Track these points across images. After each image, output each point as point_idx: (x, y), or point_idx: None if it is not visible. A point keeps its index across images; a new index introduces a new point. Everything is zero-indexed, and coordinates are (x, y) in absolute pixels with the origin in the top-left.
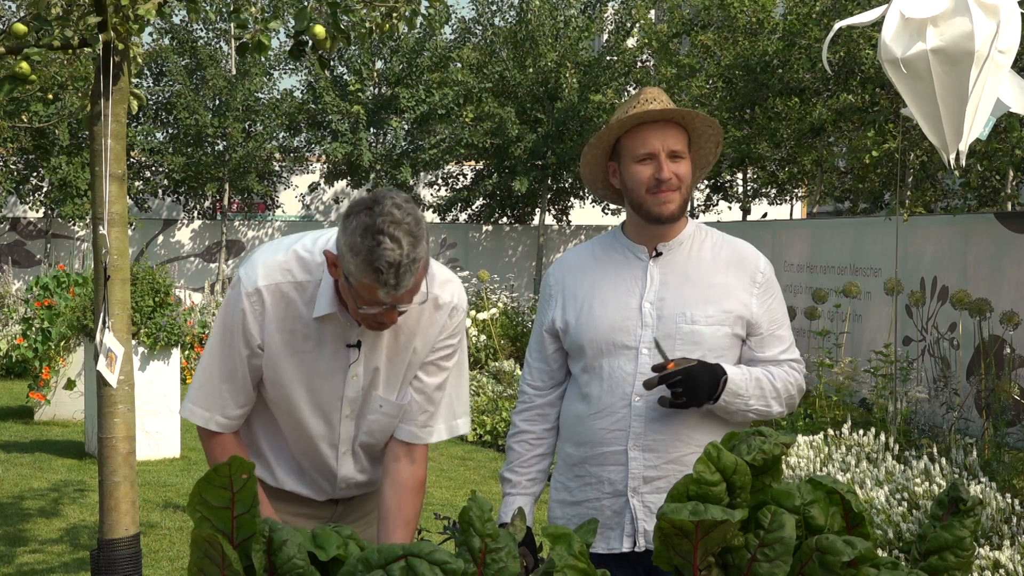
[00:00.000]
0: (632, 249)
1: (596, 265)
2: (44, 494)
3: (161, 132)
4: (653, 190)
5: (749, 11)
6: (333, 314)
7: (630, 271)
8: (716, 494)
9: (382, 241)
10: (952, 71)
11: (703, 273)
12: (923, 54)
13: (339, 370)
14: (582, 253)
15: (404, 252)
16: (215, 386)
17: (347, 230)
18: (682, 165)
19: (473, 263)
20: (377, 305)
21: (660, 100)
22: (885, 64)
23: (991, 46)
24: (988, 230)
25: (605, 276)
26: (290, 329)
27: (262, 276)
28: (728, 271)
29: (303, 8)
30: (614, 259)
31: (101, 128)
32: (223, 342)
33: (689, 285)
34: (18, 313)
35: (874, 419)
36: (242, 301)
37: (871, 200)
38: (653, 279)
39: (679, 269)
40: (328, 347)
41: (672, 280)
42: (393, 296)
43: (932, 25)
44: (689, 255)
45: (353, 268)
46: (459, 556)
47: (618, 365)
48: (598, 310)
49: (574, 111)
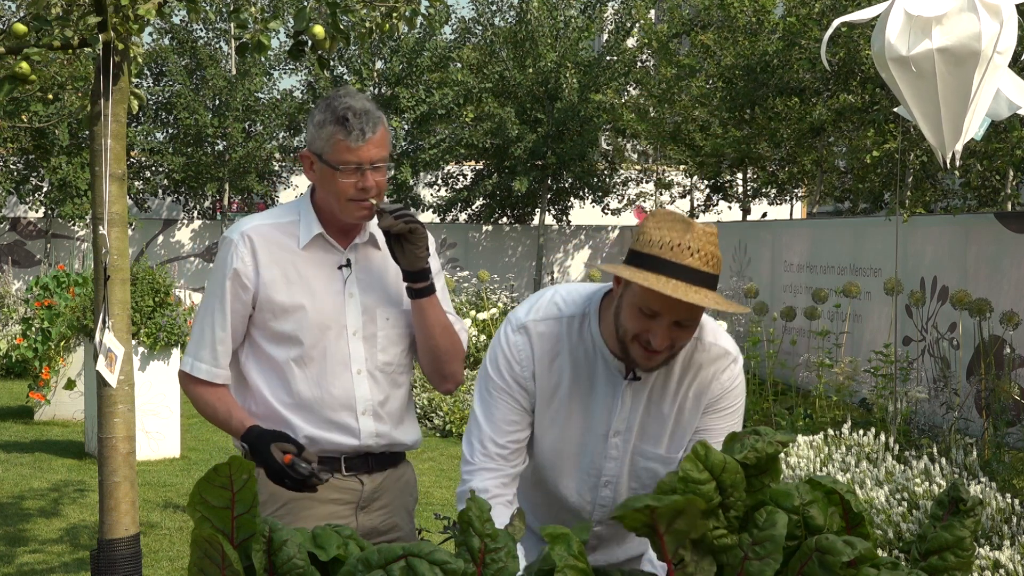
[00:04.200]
0: (609, 364)
1: (568, 365)
2: (44, 494)
3: (161, 132)
4: (644, 346)
5: (749, 11)
6: (321, 240)
7: (603, 389)
8: (705, 493)
9: (343, 100)
10: (956, 71)
11: (666, 401)
12: (929, 53)
13: (336, 292)
14: (555, 339)
15: (364, 104)
16: (216, 337)
17: (313, 119)
18: (685, 332)
19: (473, 263)
20: (353, 164)
21: (704, 251)
22: (889, 62)
23: (994, 47)
24: (988, 230)
25: (572, 385)
26: (283, 266)
27: (245, 224)
28: (689, 388)
29: (303, 8)
30: (587, 368)
31: (101, 128)
32: (218, 295)
33: (651, 412)
34: (18, 313)
35: (874, 419)
36: (231, 247)
37: (871, 200)
38: (624, 404)
39: (645, 392)
40: (324, 271)
41: (639, 406)
42: (362, 144)
43: (937, 24)
44: (658, 374)
45: (323, 134)
46: (459, 556)
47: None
48: (564, 428)
49: (574, 111)
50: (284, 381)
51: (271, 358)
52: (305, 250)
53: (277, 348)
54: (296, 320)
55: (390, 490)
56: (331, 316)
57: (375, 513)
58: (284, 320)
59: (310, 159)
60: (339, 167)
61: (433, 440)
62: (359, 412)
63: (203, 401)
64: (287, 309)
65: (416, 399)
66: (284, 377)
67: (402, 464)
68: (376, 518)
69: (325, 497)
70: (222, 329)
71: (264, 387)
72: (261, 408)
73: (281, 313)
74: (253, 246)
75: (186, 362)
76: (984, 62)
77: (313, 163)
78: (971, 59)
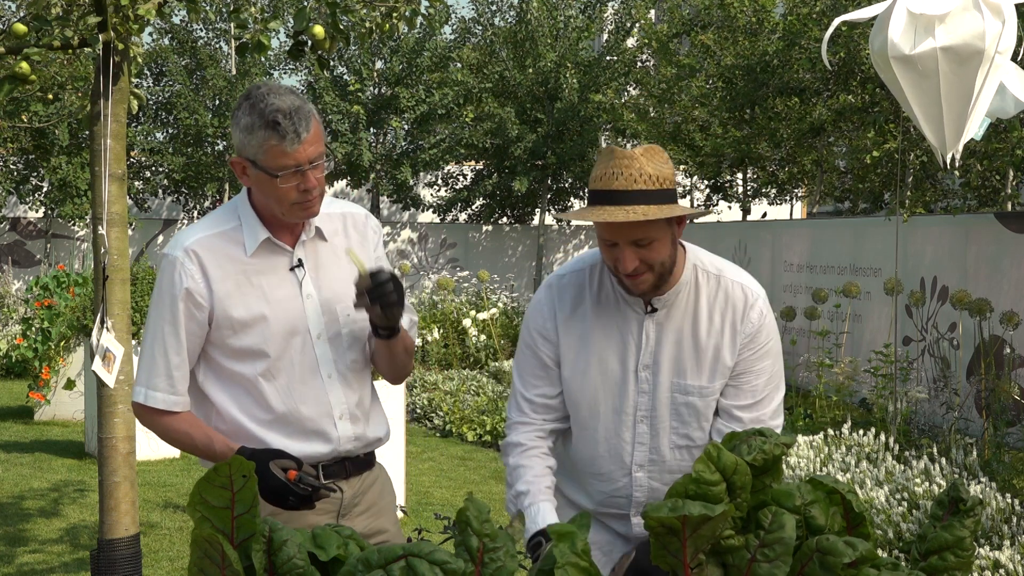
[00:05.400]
0: (629, 302)
1: (591, 309)
2: (44, 494)
3: (161, 132)
4: (623, 273)
5: (749, 11)
6: (268, 244)
7: (626, 326)
8: (716, 494)
9: (268, 101)
10: (959, 70)
11: (699, 332)
12: (932, 52)
13: (294, 296)
14: (579, 288)
15: (290, 102)
16: (171, 363)
17: (238, 123)
18: (650, 250)
19: (473, 263)
20: (291, 167)
21: (628, 172)
22: (891, 61)
23: (996, 46)
24: (988, 230)
25: (597, 327)
26: (235, 278)
27: (186, 239)
28: (723, 324)
29: (303, 8)
30: (612, 310)
31: (101, 128)
32: (167, 318)
33: (683, 348)
34: (18, 313)
35: (874, 419)
36: (176, 266)
37: (871, 200)
38: (648, 338)
39: (674, 327)
40: (276, 276)
41: (667, 339)
42: (298, 146)
43: (940, 23)
44: (685, 309)
45: (255, 141)
46: (458, 556)
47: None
48: (594, 368)
49: (574, 111)
50: (254, 398)
51: (236, 375)
52: (253, 257)
53: (241, 364)
54: (258, 332)
55: (368, 493)
56: (293, 322)
57: (358, 519)
58: (245, 334)
59: (242, 164)
60: (278, 173)
61: (433, 440)
62: (336, 417)
63: (172, 431)
64: (246, 323)
65: (416, 399)
66: (253, 394)
67: (376, 465)
68: (359, 523)
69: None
70: (176, 354)
71: (231, 405)
72: (229, 427)
73: (241, 328)
74: (201, 261)
75: (139, 393)
76: (987, 61)
77: (246, 168)
78: (974, 58)
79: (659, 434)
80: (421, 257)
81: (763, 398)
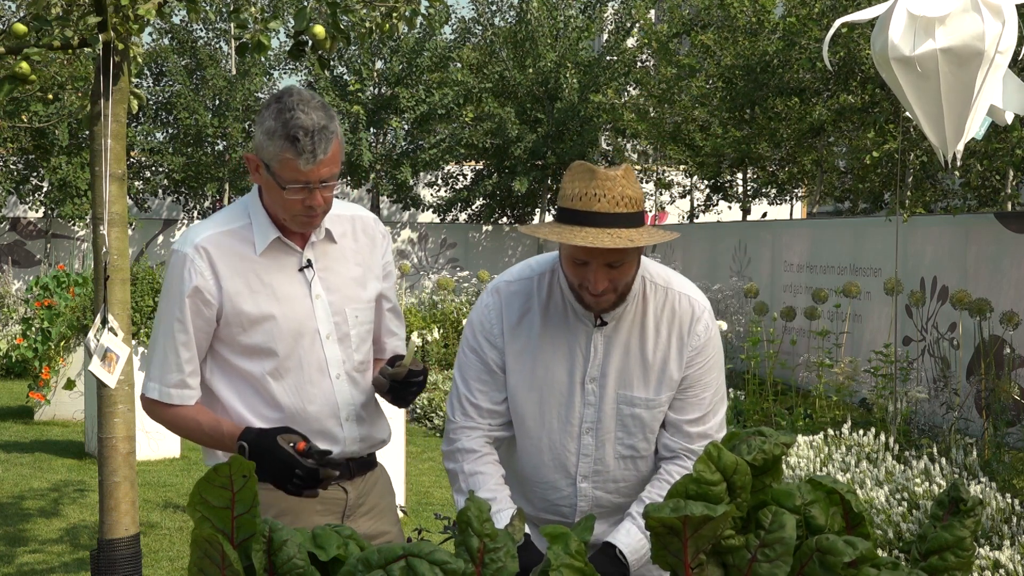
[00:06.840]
0: (578, 313)
1: (540, 319)
2: (44, 494)
3: (161, 132)
4: (588, 291)
5: (749, 11)
6: (278, 243)
7: (574, 338)
8: (716, 494)
9: (295, 114)
10: (959, 71)
11: (645, 344)
12: (932, 53)
13: (303, 296)
14: (526, 296)
15: (316, 119)
16: (182, 358)
17: (262, 123)
18: (620, 272)
19: (473, 263)
20: (301, 183)
21: (611, 194)
22: (892, 62)
23: (996, 47)
24: (988, 230)
25: (545, 337)
26: (245, 276)
27: (196, 236)
28: (670, 336)
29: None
30: (560, 321)
31: (101, 128)
32: (176, 315)
33: (630, 360)
34: (18, 313)
35: (874, 419)
36: (186, 262)
37: (871, 200)
38: (596, 350)
39: (621, 340)
40: (286, 275)
41: (615, 352)
42: (312, 167)
43: (940, 24)
44: (633, 321)
45: (272, 148)
46: (458, 556)
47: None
48: (541, 379)
49: (574, 111)
50: (262, 396)
51: (244, 372)
52: (263, 256)
53: (249, 362)
54: (266, 331)
55: (371, 494)
56: (302, 322)
57: (361, 520)
58: (254, 332)
59: (256, 163)
60: (286, 186)
61: (433, 440)
62: (343, 418)
63: (180, 421)
64: (255, 320)
65: (416, 399)
66: (261, 392)
67: (378, 466)
68: (363, 525)
69: (311, 509)
70: (187, 349)
71: (238, 403)
72: (234, 415)
73: (250, 325)
74: (211, 258)
75: (151, 388)
76: (987, 62)
77: (259, 168)
78: (974, 59)
79: (604, 445)
80: (421, 257)
81: (709, 411)
